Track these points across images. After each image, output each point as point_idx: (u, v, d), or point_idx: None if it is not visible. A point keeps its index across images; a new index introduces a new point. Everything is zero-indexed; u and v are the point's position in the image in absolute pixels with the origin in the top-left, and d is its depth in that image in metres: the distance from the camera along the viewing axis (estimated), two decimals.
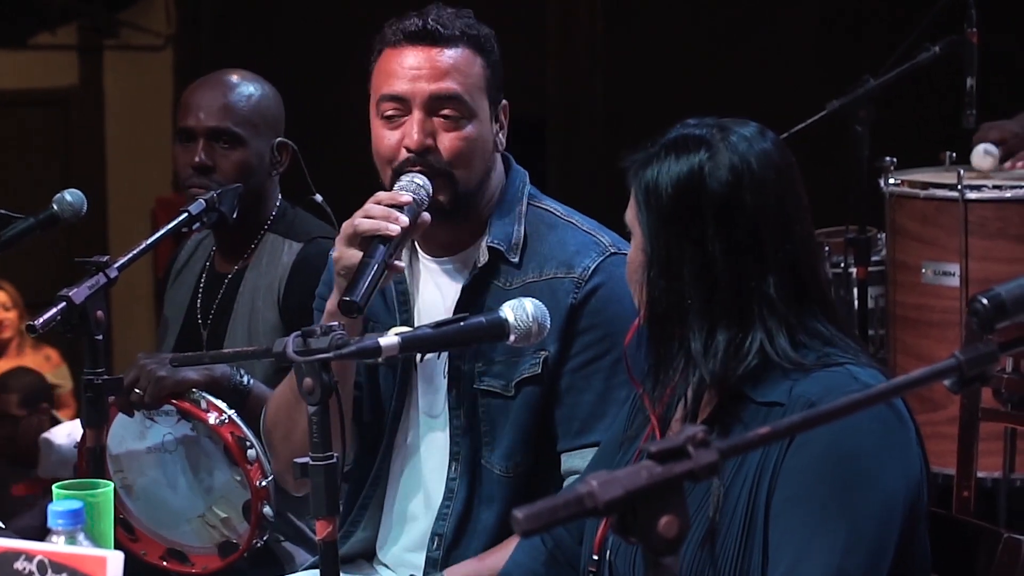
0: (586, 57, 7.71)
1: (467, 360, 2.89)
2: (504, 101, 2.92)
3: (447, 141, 2.82)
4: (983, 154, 4.70)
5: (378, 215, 2.72)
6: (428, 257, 2.96)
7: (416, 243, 2.96)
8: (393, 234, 2.70)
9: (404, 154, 2.82)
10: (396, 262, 2.75)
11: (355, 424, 2.99)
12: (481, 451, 2.89)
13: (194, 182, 3.49)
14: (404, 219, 2.72)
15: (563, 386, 2.84)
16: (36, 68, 9.22)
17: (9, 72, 9.08)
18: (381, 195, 2.77)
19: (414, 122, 2.81)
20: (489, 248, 2.87)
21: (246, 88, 3.55)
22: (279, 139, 3.56)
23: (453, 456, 2.92)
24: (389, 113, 2.84)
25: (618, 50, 7.49)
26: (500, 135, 2.92)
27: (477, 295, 2.88)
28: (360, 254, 2.72)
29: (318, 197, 3.51)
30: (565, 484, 2.84)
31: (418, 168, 2.81)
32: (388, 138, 2.84)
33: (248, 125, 3.51)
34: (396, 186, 2.80)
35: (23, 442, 5.99)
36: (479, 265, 2.88)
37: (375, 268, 2.68)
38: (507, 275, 2.87)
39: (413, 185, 2.78)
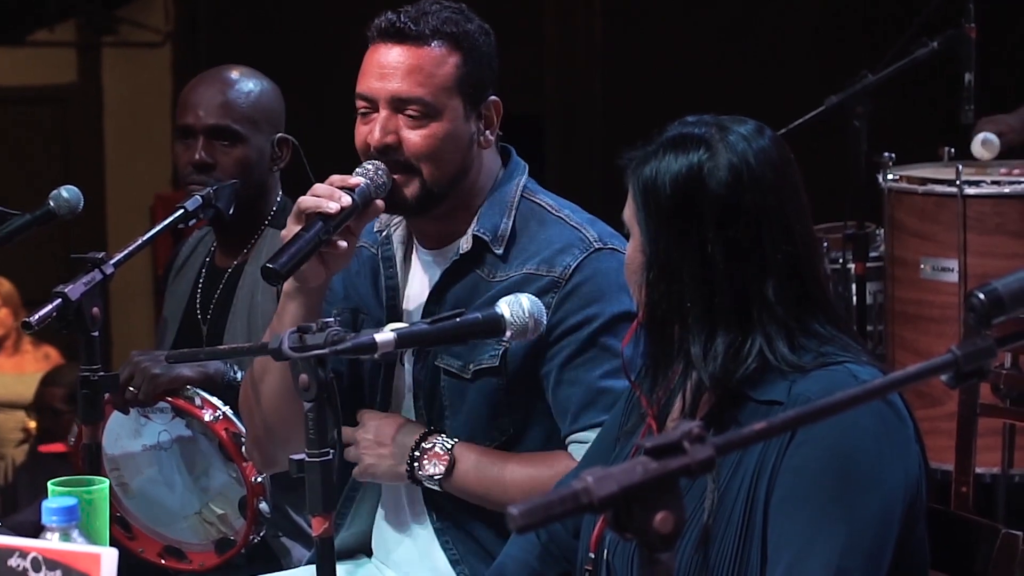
0: (584, 54, 7.71)
1: None
2: (493, 97, 2.91)
3: (411, 138, 2.83)
4: (982, 144, 4.68)
5: (322, 193, 2.77)
6: (423, 249, 2.98)
7: (413, 235, 2.98)
8: (331, 211, 2.74)
9: (371, 149, 2.85)
10: (339, 241, 2.77)
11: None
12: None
13: (194, 179, 3.49)
14: (347, 199, 2.75)
15: (551, 382, 2.83)
16: (35, 65, 9.21)
17: (8, 69, 9.07)
18: (334, 177, 2.81)
19: (378, 120, 2.84)
20: (474, 237, 2.88)
21: (245, 84, 3.55)
22: (279, 135, 3.55)
23: None
24: (362, 110, 2.88)
25: (616, 47, 7.49)
26: (487, 132, 2.91)
27: (455, 281, 2.90)
28: None
29: None
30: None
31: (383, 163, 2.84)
32: (361, 133, 2.88)
33: (247, 122, 3.51)
34: (355, 170, 2.83)
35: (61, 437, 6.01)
36: (461, 252, 2.89)
37: (305, 240, 2.73)
38: (491, 266, 2.88)
39: (370, 173, 2.81)
